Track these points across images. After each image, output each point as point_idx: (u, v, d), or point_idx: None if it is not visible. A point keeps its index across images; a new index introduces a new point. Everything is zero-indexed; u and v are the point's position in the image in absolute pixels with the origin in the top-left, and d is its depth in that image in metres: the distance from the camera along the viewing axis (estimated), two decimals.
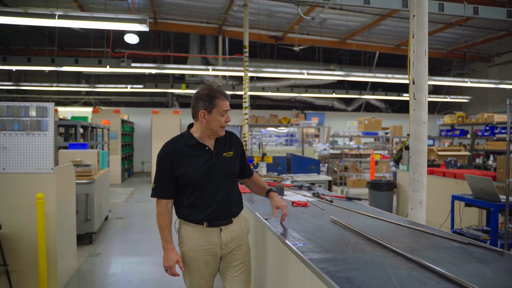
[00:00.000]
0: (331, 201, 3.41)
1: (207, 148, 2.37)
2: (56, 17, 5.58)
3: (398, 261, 1.81)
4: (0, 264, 3.69)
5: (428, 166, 7.91)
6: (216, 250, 2.36)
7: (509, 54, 15.10)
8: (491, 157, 12.17)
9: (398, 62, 18.79)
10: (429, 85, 17.83)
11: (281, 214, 2.60)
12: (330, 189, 5.61)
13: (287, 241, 2.25)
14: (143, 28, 5.91)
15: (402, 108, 21.11)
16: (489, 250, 1.99)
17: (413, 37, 2.94)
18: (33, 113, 3.82)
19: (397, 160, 8.64)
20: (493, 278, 1.61)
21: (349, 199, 3.45)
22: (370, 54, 17.23)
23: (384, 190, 7.88)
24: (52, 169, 3.85)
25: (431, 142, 16.45)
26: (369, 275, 1.61)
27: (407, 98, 17.53)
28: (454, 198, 4.58)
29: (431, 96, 17.65)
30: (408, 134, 11.92)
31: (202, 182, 2.32)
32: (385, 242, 2.10)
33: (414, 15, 2.89)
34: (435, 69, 18.97)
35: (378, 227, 2.50)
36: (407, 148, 9.04)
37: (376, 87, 19.06)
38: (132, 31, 8.61)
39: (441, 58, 16.90)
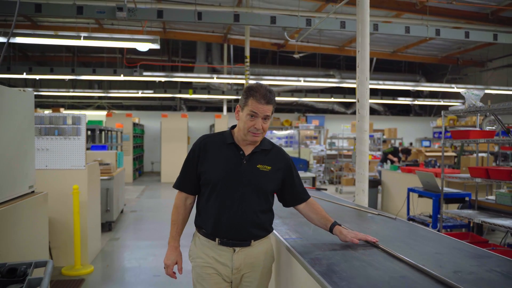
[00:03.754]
0: None
1: (241, 152, 2.08)
2: (82, 38, 6.57)
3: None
4: None
5: (410, 165, 8.81)
6: (227, 273, 2.07)
7: (500, 59, 15.89)
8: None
9: (396, 67, 19.61)
10: (423, 90, 18.65)
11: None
12: (314, 184, 6.54)
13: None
14: (155, 46, 6.87)
15: (401, 111, 21.93)
16: (386, 217, 2.91)
17: (358, 67, 3.87)
18: (69, 121, 4.80)
19: (382, 160, 9.54)
20: (381, 231, 2.53)
21: (318, 189, 4.37)
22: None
23: (370, 187, 8.74)
24: (84, 166, 4.83)
25: (427, 143, 17.30)
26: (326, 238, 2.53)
27: (403, 102, 18.42)
28: (409, 190, 5.51)
29: (426, 100, 18.49)
30: (391, 145, 12.85)
31: (222, 186, 2.03)
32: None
33: (358, 51, 3.82)
34: (431, 74, 19.74)
35: (331, 209, 3.40)
36: (391, 153, 9.99)
37: (375, 91, 19.90)
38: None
39: (436, 63, 17.71)
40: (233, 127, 2.18)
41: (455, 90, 13.17)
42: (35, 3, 5.43)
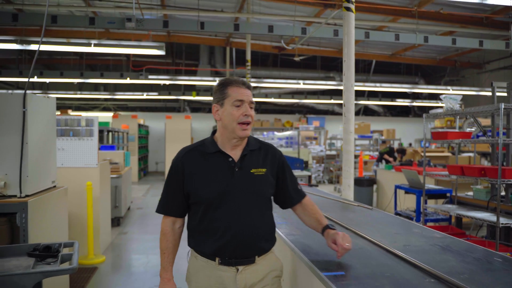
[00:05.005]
0: None
1: (230, 159, 1.86)
2: (92, 45, 7.02)
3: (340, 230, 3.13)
4: None
5: (404, 165, 9.21)
6: None
7: (497, 62, 16.24)
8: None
9: (395, 69, 19.98)
10: (422, 93, 19.01)
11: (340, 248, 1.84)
12: (309, 182, 6.97)
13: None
14: (160, 52, 7.32)
15: (400, 112, 22.30)
16: (364, 208, 3.32)
17: (344, 75, 4.28)
18: (83, 123, 5.24)
19: (379, 160, 9.95)
20: (356, 218, 2.94)
21: (310, 185, 4.79)
22: (368, 62, 18.48)
23: (365, 186, 9.18)
24: (96, 164, 5.27)
25: (427, 144, 17.70)
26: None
27: (402, 104, 18.79)
28: (396, 187, 5.92)
29: (425, 101, 18.87)
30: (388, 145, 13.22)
31: (218, 203, 1.82)
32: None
33: (344, 60, 4.24)
34: (429, 76, 20.10)
35: (319, 202, 3.82)
36: (387, 153, 10.39)
37: (375, 93, 20.28)
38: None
39: (435, 65, 18.08)
40: (213, 133, 1.97)
41: (451, 92, 13.50)
42: (52, 15, 5.87)
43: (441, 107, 20.49)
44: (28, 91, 3.10)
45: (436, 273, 1.63)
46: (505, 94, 4.39)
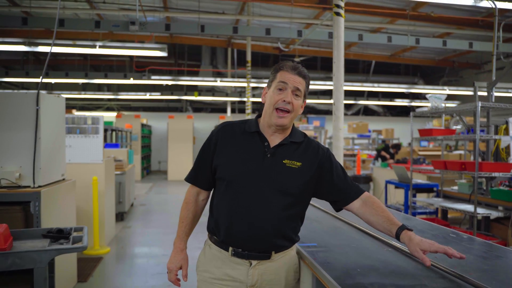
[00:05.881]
0: None
1: (266, 143, 1.74)
2: (97, 47, 7.32)
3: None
4: None
5: (399, 162, 9.48)
6: None
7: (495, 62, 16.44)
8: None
9: (395, 69, 20.22)
10: (420, 93, 19.24)
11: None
12: None
13: None
14: (163, 54, 7.60)
15: (401, 112, 22.53)
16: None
17: (334, 75, 4.56)
18: (89, 122, 5.54)
19: (376, 157, 10.24)
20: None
21: None
22: (368, 62, 18.72)
23: (362, 183, 9.45)
24: (101, 160, 5.57)
25: (425, 143, 17.92)
26: None
27: (400, 104, 19.04)
28: (387, 182, 6.21)
29: (423, 101, 19.08)
30: (383, 142, 13.46)
31: (238, 184, 1.71)
32: None
33: (334, 62, 4.52)
34: (428, 76, 20.33)
35: None
36: (383, 149, 10.66)
37: (375, 93, 20.53)
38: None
39: (434, 65, 18.31)
40: (259, 115, 1.84)
41: (447, 92, 13.75)
42: (59, 19, 6.16)
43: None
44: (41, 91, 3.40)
45: (394, 244, 1.90)
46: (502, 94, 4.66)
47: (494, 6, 5.21)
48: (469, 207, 4.44)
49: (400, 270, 1.58)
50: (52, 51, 4.03)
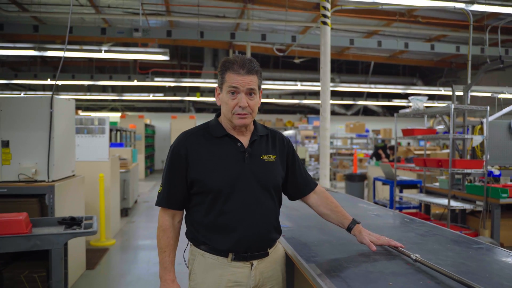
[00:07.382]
0: None
1: (239, 144, 1.71)
2: (103, 51, 7.72)
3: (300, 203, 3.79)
4: None
5: (393, 161, 9.84)
6: None
7: (492, 63, 16.73)
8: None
9: (394, 70, 20.53)
10: (419, 94, 19.54)
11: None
12: None
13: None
14: (165, 58, 7.99)
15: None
16: (333, 192, 3.96)
17: (321, 79, 4.94)
18: (96, 122, 5.94)
19: (373, 155, 10.62)
20: None
21: None
22: (367, 63, 19.04)
23: (356, 181, 9.80)
24: (107, 158, 5.97)
25: (423, 143, 18.28)
26: None
27: (399, 104, 19.36)
28: (374, 179, 6.58)
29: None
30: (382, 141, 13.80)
31: (229, 192, 1.65)
32: None
33: (321, 67, 4.90)
34: (427, 77, 20.62)
35: None
36: (381, 148, 11.02)
37: (375, 93, 20.86)
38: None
39: (432, 66, 18.61)
40: (218, 115, 1.79)
41: (443, 92, 14.08)
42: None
43: (436, 106, 21.03)
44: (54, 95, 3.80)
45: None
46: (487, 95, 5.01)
47: (468, 13, 5.54)
48: (446, 201, 4.80)
49: (349, 243, 1.95)
50: (60, 55, 4.42)
